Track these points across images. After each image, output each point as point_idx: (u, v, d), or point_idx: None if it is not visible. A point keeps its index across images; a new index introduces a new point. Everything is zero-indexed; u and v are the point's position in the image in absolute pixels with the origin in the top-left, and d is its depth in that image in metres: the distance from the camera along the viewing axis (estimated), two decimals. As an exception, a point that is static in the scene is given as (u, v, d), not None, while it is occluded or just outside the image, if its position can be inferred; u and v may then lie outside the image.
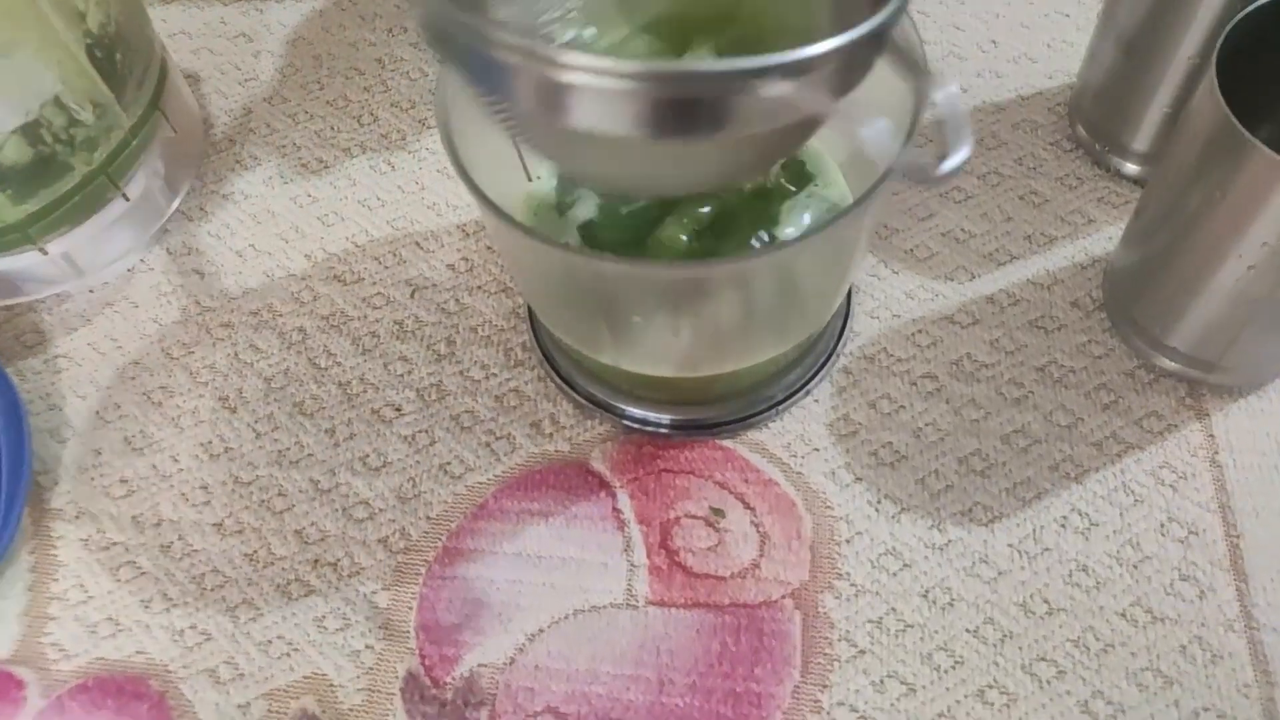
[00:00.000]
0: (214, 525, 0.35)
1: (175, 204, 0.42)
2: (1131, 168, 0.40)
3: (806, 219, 0.34)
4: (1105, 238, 0.40)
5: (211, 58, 0.48)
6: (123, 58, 0.36)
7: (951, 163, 0.21)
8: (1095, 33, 0.39)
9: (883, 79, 0.24)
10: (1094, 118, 0.41)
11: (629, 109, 0.21)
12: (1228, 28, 0.29)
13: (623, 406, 0.36)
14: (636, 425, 0.36)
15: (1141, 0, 0.35)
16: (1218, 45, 0.29)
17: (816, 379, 0.36)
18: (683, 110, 0.21)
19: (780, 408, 0.36)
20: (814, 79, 0.21)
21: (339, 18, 0.49)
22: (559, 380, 0.37)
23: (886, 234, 0.40)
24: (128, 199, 0.38)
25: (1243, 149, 0.28)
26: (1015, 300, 0.38)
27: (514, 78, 0.21)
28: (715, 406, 0.36)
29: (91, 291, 0.41)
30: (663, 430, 0.36)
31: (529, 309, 0.38)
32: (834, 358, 0.37)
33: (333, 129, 0.45)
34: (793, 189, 0.34)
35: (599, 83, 0.20)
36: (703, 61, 0.20)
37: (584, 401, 0.36)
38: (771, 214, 0.34)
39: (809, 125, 0.26)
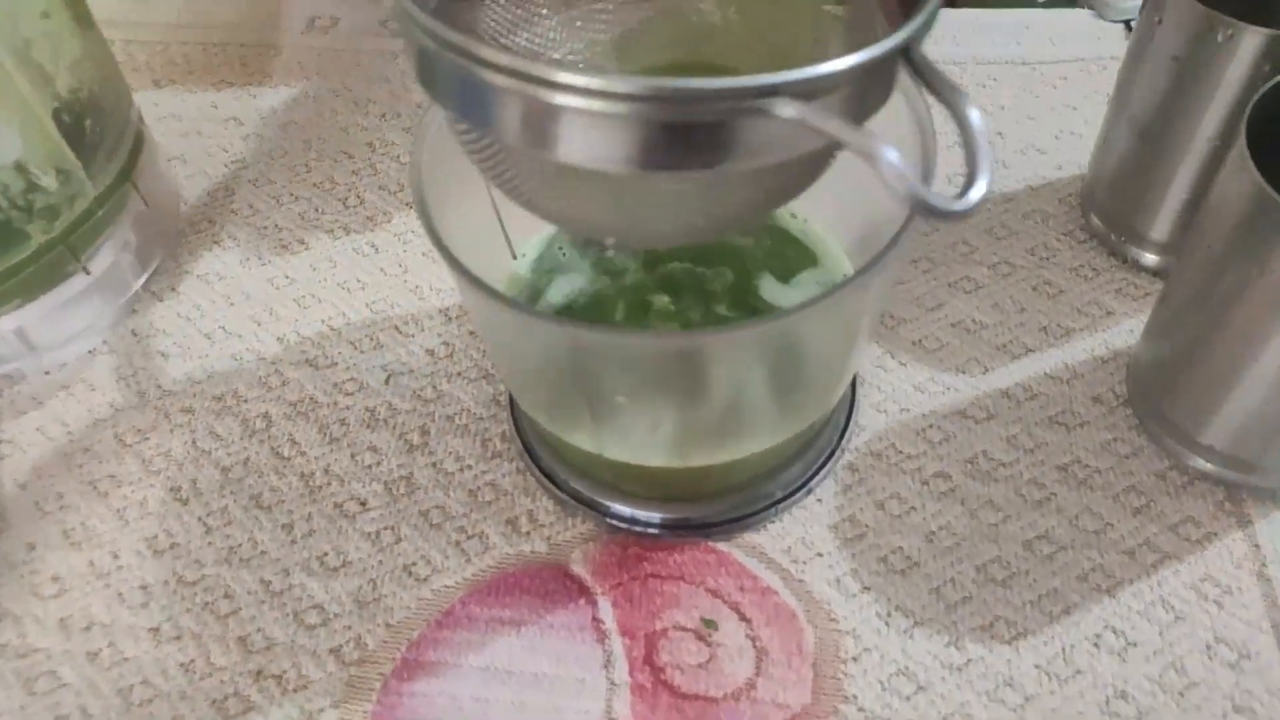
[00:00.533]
0: (149, 630, 0.32)
1: (142, 281, 0.40)
2: (1150, 258, 0.38)
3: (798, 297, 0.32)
4: (1126, 330, 0.37)
5: (200, 139, 0.47)
6: (93, 125, 0.34)
7: (979, 190, 0.19)
8: (1106, 120, 0.38)
9: (893, 112, 0.22)
10: (1109, 208, 0.39)
11: (623, 135, 0.19)
12: (1254, 98, 0.27)
13: (608, 503, 0.33)
14: (623, 524, 0.33)
15: (1156, 84, 0.34)
16: (1245, 116, 0.27)
17: (819, 476, 0.33)
18: (680, 136, 0.19)
19: (780, 506, 0.33)
20: (830, 101, 0.19)
21: (332, 103, 0.49)
22: (539, 473, 0.34)
23: (893, 324, 0.38)
24: (89, 273, 0.36)
25: (1273, 218, 0.25)
26: (1033, 395, 0.36)
27: (501, 101, 0.19)
28: (708, 504, 0.33)
29: (47, 373, 0.38)
30: (651, 530, 0.33)
31: (510, 397, 0.36)
32: (838, 453, 0.34)
33: (317, 210, 0.44)
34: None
35: (590, 103, 0.18)
36: (705, 79, 0.18)
37: (566, 497, 0.33)
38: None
39: (820, 160, 0.24)
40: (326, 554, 0.33)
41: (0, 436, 0.37)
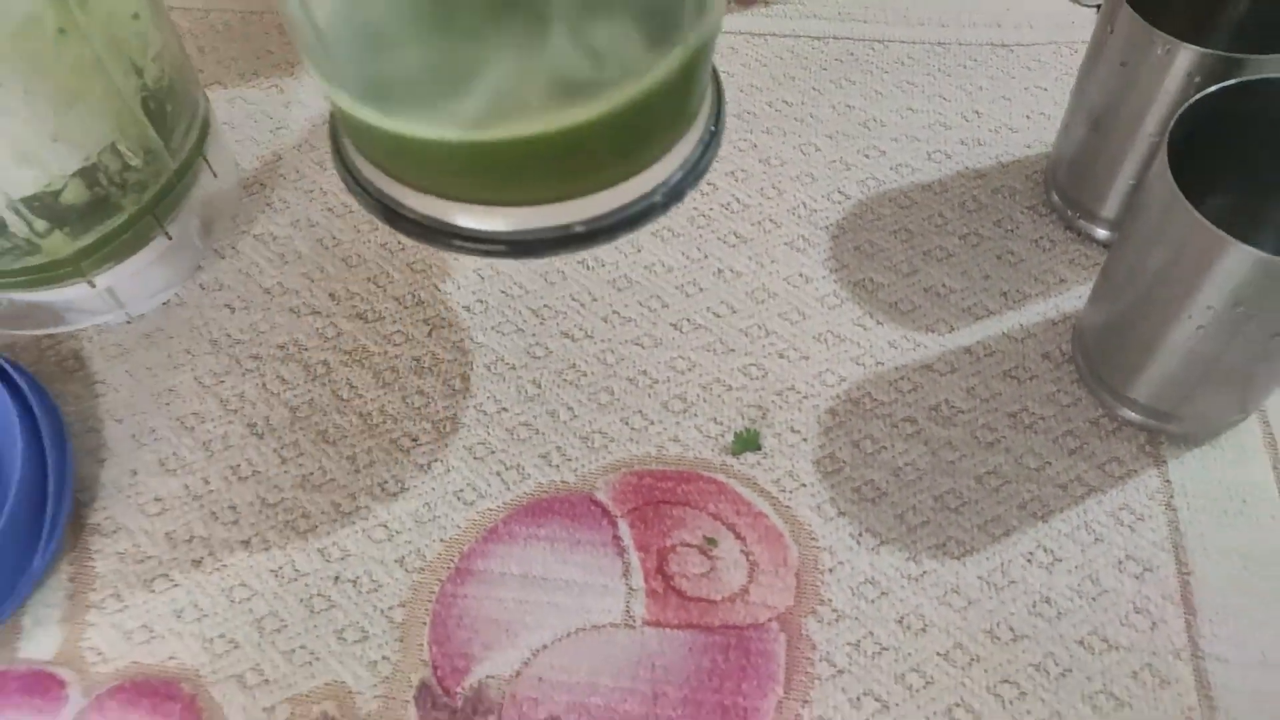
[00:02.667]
0: (241, 542, 0.38)
1: (211, 243, 0.45)
2: (1101, 233, 0.44)
3: None
4: (1075, 296, 0.43)
5: (245, 106, 0.52)
6: (172, 109, 0.39)
7: None
8: (1068, 108, 0.43)
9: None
10: (1067, 186, 0.44)
11: None
12: (1179, 112, 0.32)
13: (435, 213, 0.27)
14: (468, 244, 0.28)
15: (1108, 83, 0.39)
16: (1169, 129, 0.32)
17: (702, 161, 0.28)
18: None
19: (665, 209, 0.28)
20: None
21: (366, 71, 0.53)
22: (355, 181, 0.29)
23: (873, 288, 0.43)
24: (170, 237, 0.41)
25: (1189, 223, 0.31)
26: (991, 351, 0.41)
27: None
28: (576, 205, 0.26)
29: (129, 322, 0.44)
30: (500, 246, 0.27)
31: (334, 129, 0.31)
32: (718, 134, 0.29)
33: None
34: None
35: None
36: None
37: (394, 211, 0.28)
38: None
39: None
40: (386, 481, 0.39)
41: (96, 378, 0.42)
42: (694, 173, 0.29)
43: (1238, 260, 0.30)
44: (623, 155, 0.27)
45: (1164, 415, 0.38)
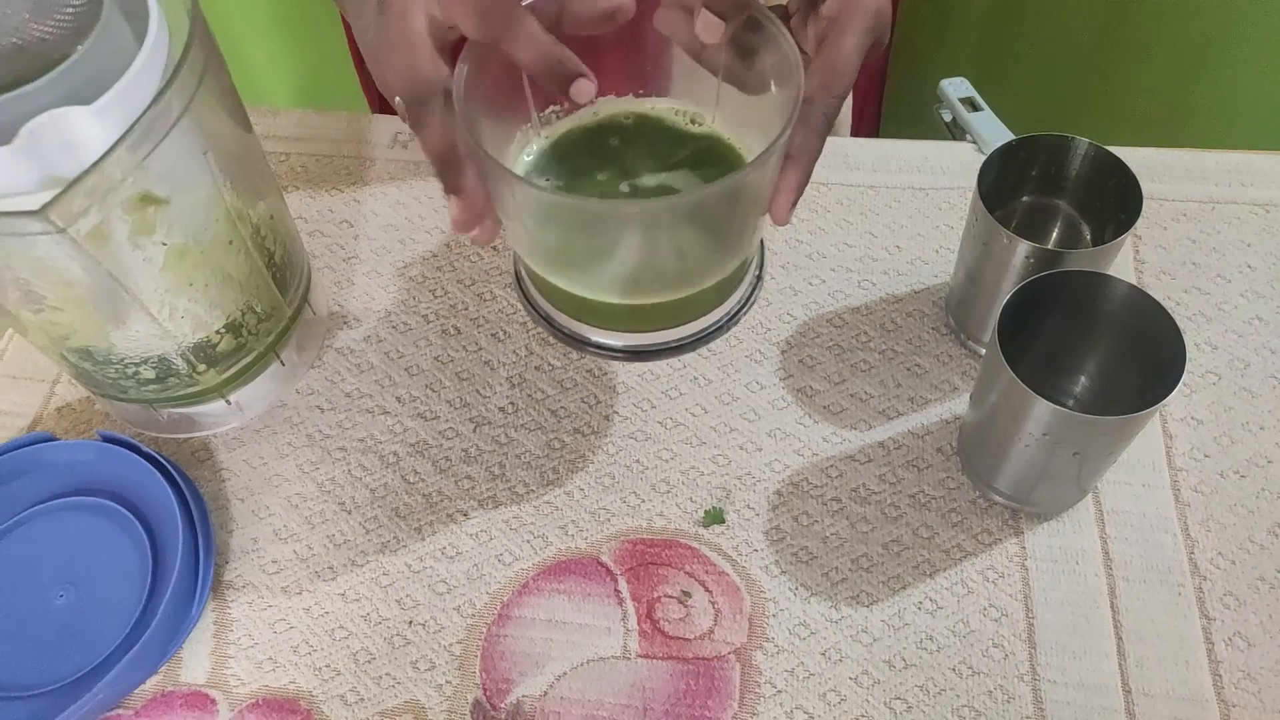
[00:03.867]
0: (339, 595, 0.51)
1: (305, 359, 0.58)
2: (983, 351, 0.57)
3: None
4: (962, 401, 0.56)
5: (323, 239, 0.65)
6: (289, 273, 0.52)
7: None
8: (956, 257, 0.56)
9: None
10: (957, 314, 0.58)
11: None
12: (1008, 297, 0.46)
13: (586, 334, 0.44)
14: (595, 349, 0.44)
15: (975, 252, 0.52)
16: (1001, 309, 0.45)
17: (741, 313, 0.45)
18: None
19: (712, 335, 0.45)
20: None
21: (418, 209, 0.67)
22: (538, 315, 0.45)
23: (811, 393, 0.57)
24: (283, 364, 0.54)
25: (1009, 380, 0.44)
26: (899, 445, 0.55)
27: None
28: (660, 334, 0.44)
29: (240, 428, 0.57)
30: (617, 354, 0.44)
31: (519, 278, 0.46)
32: (752, 298, 0.46)
33: (414, 298, 0.62)
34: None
35: None
36: None
37: (558, 330, 0.45)
38: None
39: None
40: (445, 547, 0.52)
41: (221, 466, 0.56)
42: (745, 309, 0.46)
43: (1040, 409, 0.43)
44: (700, 309, 0.44)
45: (1020, 499, 0.51)
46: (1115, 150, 0.51)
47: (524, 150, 0.45)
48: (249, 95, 0.49)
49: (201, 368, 0.50)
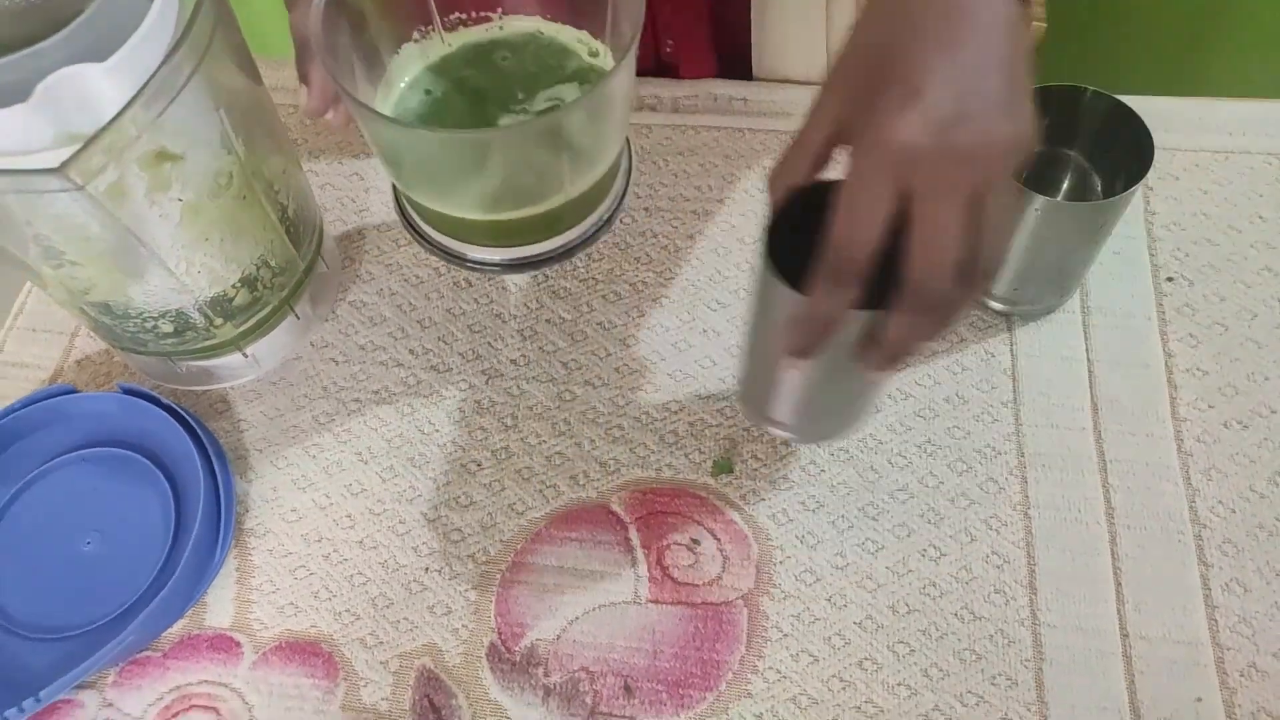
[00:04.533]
0: (358, 542, 0.52)
1: (319, 312, 0.59)
2: (993, 305, 0.57)
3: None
4: (970, 351, 0.57)
5: (334, 192, 0.66)
6: (302, 228, 0.53)
7: None
8: None
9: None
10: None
11: None
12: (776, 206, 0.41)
13: (464, 252, 0.47)
14: (476, 266, 0.48)
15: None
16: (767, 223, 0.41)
17: (609, 224, 0.48)
18: None
19: (586, 244, 0.47)
20: None
21: (427, 162, 0.67)
22: (417, 235, 0.48)
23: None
24: (298, 317, 0.55)
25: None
26: (907, 396, 0.55)
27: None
28: (536, 246, 0.46)
29: (258, 380, 0.58)
30: (494, 267, 0.48)
31: (397, 197, 0.49)
32: (621, 207, 0.48)
33: (425, 252, 0.63)
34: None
35: None
36: None
37: (434, 248, 0.48)
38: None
39: None
40: (459, 497, 0.54)
41: (240, 418, 0.57)
42: (605, 229, 0.48)
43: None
44: (562, 224, 0.47)
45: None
46: (1127, 100, 0.51)
47: (425, 54, 0.48)
48: (257, 46, 0.49)
49: (218, 321, 0.50)
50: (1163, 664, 0.47)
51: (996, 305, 0.56)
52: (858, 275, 0.33)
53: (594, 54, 0.48)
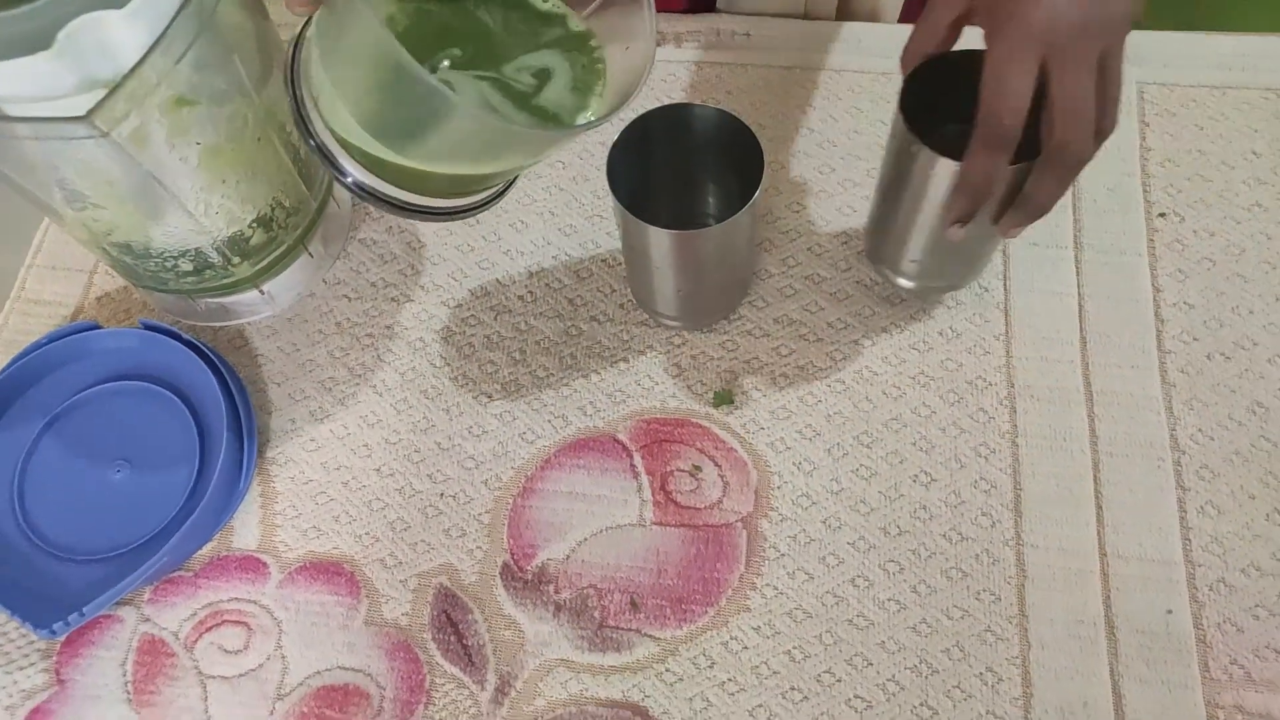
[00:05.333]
0: (375, 470, 0.55)
1: (331, 250, 0.61)
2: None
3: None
4: (968, 290, 0.58)
5: (341, 130, 0.66)
6: (313, 168, 0.54)
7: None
8: None
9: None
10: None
11: None
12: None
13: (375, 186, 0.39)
14: (403, 211, 0.41)
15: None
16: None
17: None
18: None
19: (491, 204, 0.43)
20: None
21: (432, 99, 0.67)
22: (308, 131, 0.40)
23: (818, 280, 0.59)
24: (311, 255, 0.57)
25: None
26: (902, 329, 0.57)
27: None
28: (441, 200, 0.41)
29: (273, 316, 0.60)
30: (415, 215, 0.41)
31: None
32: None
33: (433, 189, 0.64)
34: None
35: None
36: None
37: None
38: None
39: None
40: (472, 426, 0.56)
41: (257, 353, 0.59)
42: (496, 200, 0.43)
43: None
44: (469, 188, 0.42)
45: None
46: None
47: None
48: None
49: (235, 260, 0.52)
50: (1137, 581, 0.49)
51: (905, 283, 0.57)
52: (1012, 140, 0.39)
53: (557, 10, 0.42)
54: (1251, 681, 0.47)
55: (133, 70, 0.37)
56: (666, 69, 0.67)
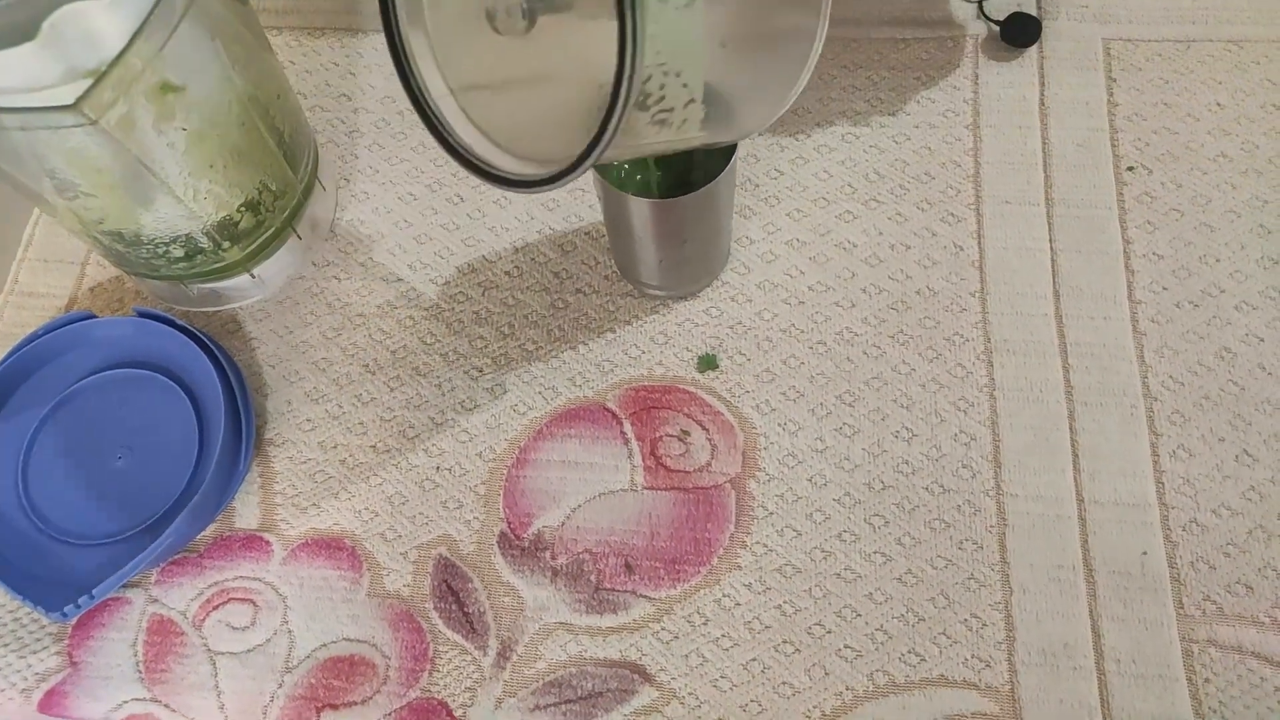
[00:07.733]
0: (371, 447, 0.56)
1: (319, 232, 0.62)
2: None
3: None
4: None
5: (323, 114, 0.67)
6: (298, 152, 0.55)
7: None
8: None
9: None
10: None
11: None
12: None
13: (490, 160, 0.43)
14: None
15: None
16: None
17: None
18: None
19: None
20: None
21: (412, 80, 0.68)
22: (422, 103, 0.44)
23: (799, 245, 0.60)
24: (300, 237, 0.58)
25: None
26: (880, 290, 0.59)
27: None
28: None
29: (265, 299, 0.61)
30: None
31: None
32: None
33: (417, 169, 0.65)
34: None
35: None
36: None
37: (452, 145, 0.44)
38: None
39: None
40: (464, 400, 0.57)
41: (250, 336, 0.60)
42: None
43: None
44: None
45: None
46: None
47: None
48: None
49: (225, 244, 0.53)
50: (1113, 524, 0.51)
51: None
52: None
53: None
54: (1224, 616, 0.49)
55: (119, 56, 0.38)
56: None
